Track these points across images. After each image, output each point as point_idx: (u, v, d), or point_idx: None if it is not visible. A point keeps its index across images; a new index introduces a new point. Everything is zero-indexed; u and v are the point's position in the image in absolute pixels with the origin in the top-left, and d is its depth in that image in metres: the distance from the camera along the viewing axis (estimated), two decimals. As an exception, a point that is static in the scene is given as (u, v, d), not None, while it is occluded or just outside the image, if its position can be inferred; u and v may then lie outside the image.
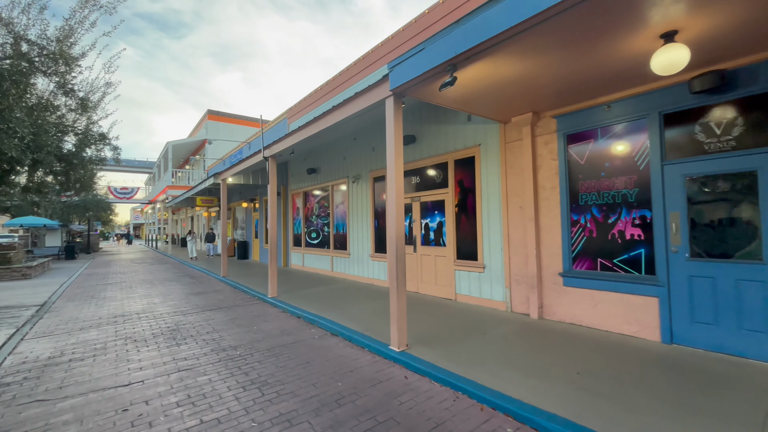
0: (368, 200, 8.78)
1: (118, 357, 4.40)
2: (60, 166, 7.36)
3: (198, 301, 7.64)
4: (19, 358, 4.45)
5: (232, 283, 9.66)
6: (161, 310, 6.91)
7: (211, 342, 4.90)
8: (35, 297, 8.34)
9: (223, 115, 25.04)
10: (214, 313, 6.57)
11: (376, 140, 8.56)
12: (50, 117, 6.35)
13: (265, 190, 14.42)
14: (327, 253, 10.45)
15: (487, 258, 6.02)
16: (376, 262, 8.54)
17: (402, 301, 4.24)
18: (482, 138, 6.12)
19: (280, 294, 7.74)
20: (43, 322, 6.18)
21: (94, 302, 7.80)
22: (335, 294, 7.61)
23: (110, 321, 6.13)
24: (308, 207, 11.72)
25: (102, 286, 10.09)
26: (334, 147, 10.13)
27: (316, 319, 5.69)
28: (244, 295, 8.24)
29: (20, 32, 5.63)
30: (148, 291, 9.11)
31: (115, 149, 7.93)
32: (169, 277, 11.64)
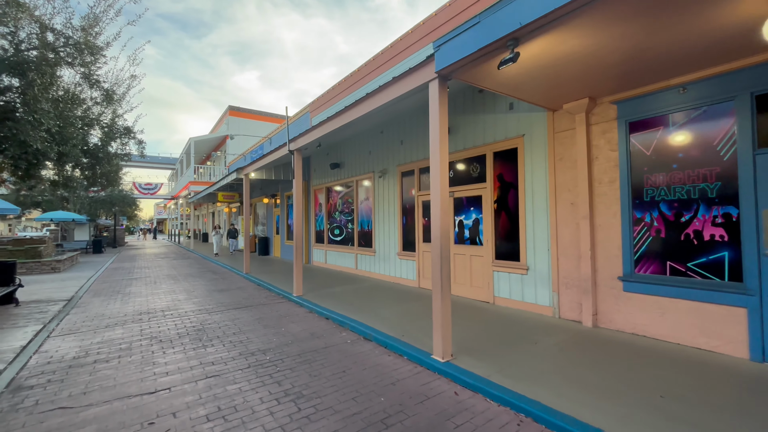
0: (395, 196, 8.39)
1: (143, 359, 4.18)
2: (86, 160, 7.25)
3: (222, 299, 7.45)
4: (44, 357, 4.28)
5: (255, 280, 9.47)
6: (186, 307, 6.73)
7: (238, 344, 4.63)
8: (63, 291, 8.35)
9: (244, 111, 25.11)
10: (240, 312, 6.33)
11: (405, 133, 8.14)
12: (76, 110, 6.19)
13: (286, 186, 14.24)
14: (351, 251, 10.13)
15: (531, 258, 5.53)
16: (403, 261, 8.15)
17: (447, 306, 3.84)
18: (526, 128, 5.61)
19: (306, 293, 7.46)
20: (69, 318, 6.08)
21: (120, 298, 7.72)
22: (362, 293, 7.27)
23: (135, 318, 5.97)
24: (331, 203, 11.42)
25: (127, 281, 10.09)
26: (359, 141, 9.77)
27: (346, 321, 5.35)
28: (268, 293, 8.00)
29: (45, 21, 5.46)
30: (172, 287, 9.02)
31: (140, 143, 7.80)
32: (192, 273, 11.59)
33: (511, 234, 5.87)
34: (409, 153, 8.00)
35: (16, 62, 5.03)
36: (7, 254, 11.86)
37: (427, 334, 4.64)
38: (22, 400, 3.24)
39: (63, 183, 7.24)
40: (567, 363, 3.66)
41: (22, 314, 6.21)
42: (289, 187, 14.09)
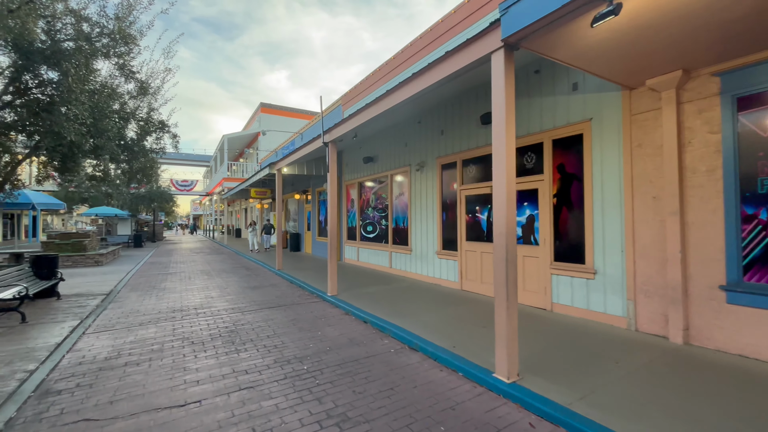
0: (435, 190, 7.81)
1: (174, 363, 3.89)
2: (123, 154, 7.18)
3: (255, 297, 7.20)
4: (77, 357, 4.10)
5: (288, 277, 9.22)
6: (219, 305, 6.51)
7: (273, 350, 4.26)
8: (103, 285, 8.44)
9: (275, 107, 25.26)
10: (273, 312, 6.02)
11: (445, 121, 7.53)
12: (113, 104, 6.06)
13: (318, 182, 13.98)
14: (385, 248, 9.66)
15: (600, 261, 4.80)
16: (443, 261, 7.57)
17: (513, 317, 3.26)
18: (594, 110, 4.87)
19: (340, 292, 7.06)
20: (106, 313, 5.99)
21: (155, 293, 7.66)
22: (399, 295, 6.77)
23: (168, 316, 5.79)
24: (364, 198, 11.00)
25: (163, 275, 10.16)
26: (394, 132, 9.25)
27: (387, 327, 4.87)
28: (302, 292, 7.69)
29: (80, 11, 5.31)
30: (205, 283, 8.93)
31: (174, 137, 7.68)
32: (226, 269, 11.56)
33: (574, 232, 5.15)
34: (451, 143, 7.39)
35: (52, 53, 4.90)
36: (55, 247, 12.36)
37: (482, 345, 4.08)
38: (48, 407, 2.99)
39: (101, 178, 7.17)
40: (666, 391, 2.98)
41: (62, 308, 6.21)
42: (320, 182, 13.82)
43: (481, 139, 6.67)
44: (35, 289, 6.00)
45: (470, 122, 6.89)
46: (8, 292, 5.38)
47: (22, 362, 3.89)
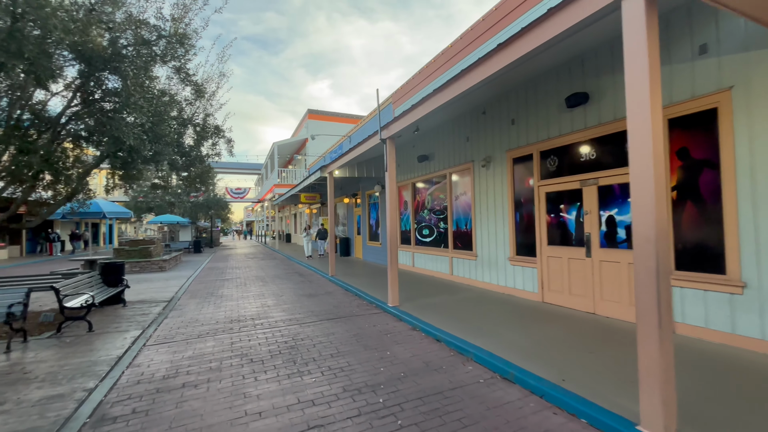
0: (505, 188, 6.91)
1: (233, 387, 3.46)
2: (181, 160, 7.14)
3: (312, 306, 6.78)
4: (136, 374, 3.83)
5: (342, 284, 8.77)
6: (276, 315, 6.15)
7: (339, 374, 3.69)
8: (165, 292, 8.55)
9: (322, 113, 25.50)
10: (333, 324, 5.51)
11: (517, 109, 6.63)
12: (171, 111, 5.94)
13: (368, 184, 13.54)
14: (444, 253, 8.88)
15: (751, 270, 3.68)
16: (518, 268, 6.64)
17: (668, 352, 2.38)
18: (737, 76, 3.78)
19: (402, 302, 6.41)
20: (166, 323, 5.86)
21: (213, 301, 7.54)
22: (469, 307, 5.97)
23: (226, 327, 5.50)
24: (418, 200, 10.31)
25: (220, 282, 10.20)
26: (453, 127, 8.47)
27: (467, 348, 4.12)
28: (359, 301, 7.15)
29: (139, 16, 5.20)
30: (261, 290, 8.74)
31: (228, 142, 7.58)
32: (279, 275, 11.44)
33: (708, 234, 4.05)
34: (524, 134, 6.48)
35: (112, 57, 4.80)
36: (125, 254, 13.09)
37: (600, 380, 3.19)
38: (100, 441, 2.64)
39: (162, 186, 7.19)
40: None
41: (126, 316, 6.19)
42: (370, 185, 13.37)
43: (564, 126, 5.70)
44: (102, 297, 6.03)
45: (549, 107, 5.95)
46: (76, 300, 5.38)
47: (83, 378, 3.68)
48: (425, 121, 6.29)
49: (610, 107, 5.02)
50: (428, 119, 5.95)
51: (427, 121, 6.36)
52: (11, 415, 2.97)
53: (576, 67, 5.48)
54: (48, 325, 5.53)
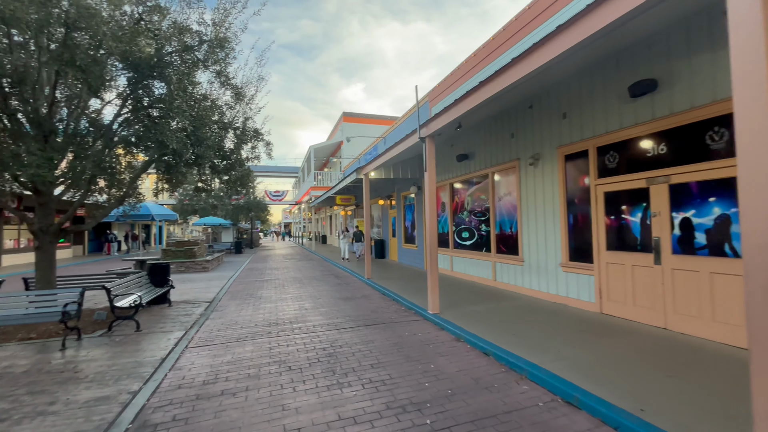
0: (556, 188, 6.37)
1: (271, 397, 3.32)
2: (222, 164, 7.26)
3: (349, 310, 6.61)
4: (177, 377, 3.81)
5: (379, 288, 8.56)
6: (313, 319, 6.04)
7: (381, 387, 3.45)
8: (207, 292, 8.78)
9: (356, 116, 25.63)
10: (371, 331, 5.29)
11: (569, 102, 6.09)
12: (212, 115, 6.00)
13: (404, 186, 13.27)
14: (486, 258, 8.41)
15: None
16: (571, 275, 6.08)
17: (798, 389, 1.89)
18: None
19: (443, 310, 6.07)
20: (207, 324, 5.93)
21: (252, 302, 7.61)
22: (518, 317, 5.51)
23: (264, 331, 5.45)
24: (457, 201, 9.89)
25: (259, 283, 10.36)
26: (496, 123, 8.00)
27: (520, 364, 3.73)
28: (397, 306, 6.89)
29: (182, 23, 5.28)
30: (298, 291, 8.74)
31: (267, 145, 7.60)
32: (316, 276, 11.46)
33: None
34: (578, 128, 5.92)
35: (157, 63, 4.90)
36: (171, 254, 13.74)
37: (689, 411, 2.70)
38: (140, 451, 2.56)
39: (205, 189, 7.36)
40: None
41: (171, 316, 6.35)
42: (405, 186, 13.10)
43: (627, 118, 5.12)
44: (149, 297, 6.22)
45: (608, 98, 5.38)
46: (125, 300, 5.56)
47: (128, 380, 3.70)
48: (467, 118, 5.92)
49: (685, 95, 4.40)
50: (471, 116, 5.59)
51: (470, 117, 5.99)
52: (59, 417, 3.00)
53: (641, 52, 4.89)
54: (101, 323, 5.77)
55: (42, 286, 5.73)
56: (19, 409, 3.12)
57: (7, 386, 3.59)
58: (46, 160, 4.21)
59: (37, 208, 5.68)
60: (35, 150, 4.23)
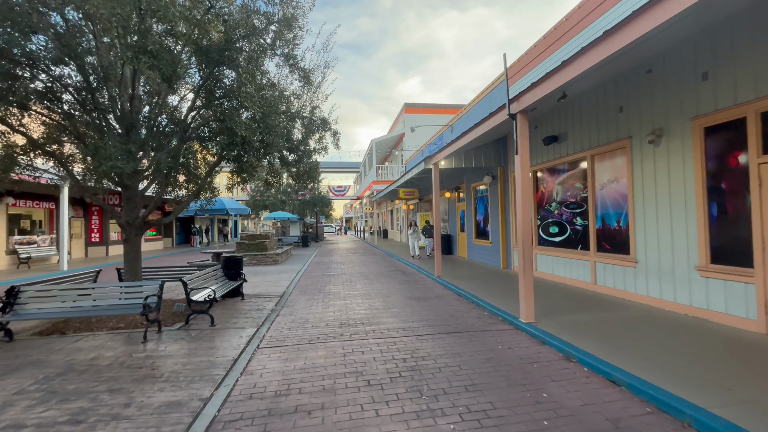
0: (689, 169, 5.01)
1: (351, 421, 2.77)
2: (290, 156, 7.02)
3: (424, 312, 5.96)
4: (248, 384, 3.48)
5: (452, 288, 7.78)
6: (387, 321, 5.49)
7: (485, 422, 2.72)
8: (277, 286, 8.76)
9: (418, 106, 24.81)
10: (456, 340, 4.57)
11: (713, 58, 4.69)
12: (279, 104, 5.70)
13: (475, 176, 12.20)
14: (582, 257, 7.15)
15: None
16: (715, 281, 4.72)
17: None
18: None
19: (538, 318, 5.12)
20: (278, 321, 5.69)
21: (321, 298, 7.32)
22: (640, 333, 4.37)
23: (336, 332, 5.02)
24: (542, 191, 8.66)
25: (327, 277, 10.18)
26: (597, 97, 6.69)
27: (672, 404, 2.74)
28: (479, 311, 6.06)
29: (250, 4, 4.98)
30: (366, 288, 8.31)
31: (334, 135, 7.19)
32: (382, 272, 11.01)
33: None
34: (729, 90, 4.52)
35: (226, 47, 4.65)
36: (244, 247, 14.32)
37: None
38: (207, 484, 2.16)
39: (274, 182, 7.20)
40: None
41: (243, 311, 6.27)
42: (477, 177, 12.02)
43: (820, 67, 3.67)
44: (223, 291, 6.18)
45: (784, 43, 3.95)
46: (200, 294, 5.52)
47: (200, 383, 3.45)
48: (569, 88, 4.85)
49: None
50: (574, 84, 4.51)
51: (572, 88, 4.89)
52: (132, 423, 2.77)
53: None
54: (179, 315, 5.83)
55: (129, 277, 5.95)
56: (96, 410, 2.97)
57: (91, 380, 3.54)
58: (125, 152, 4.19)
59: (123, 202, 5.89)
60: (116, 143, 4.24)
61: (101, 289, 5.07)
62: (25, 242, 13.80)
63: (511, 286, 7.61)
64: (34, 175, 5.86)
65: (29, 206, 14.00)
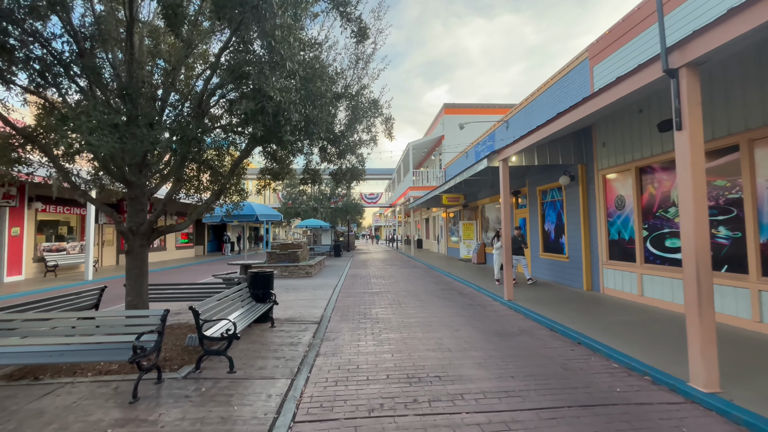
0: None
1: None
2: (332, 148, 5.55)
3: (520, 360, 4.20)
4: None
5: (537, 318, 5.94)
6: (473, 376, 3.78)
7: None
8: (313, 307, 7.27)
9: (459, 106, 23.10)
10: (605, 425, 2.79)
11: None
12: (322, 75, 4.22)
13: (543, 177, 10.28)
14: (735, 282, 5.12)
15: None
16: None
17: None
18: None
19: (726, 384, 3.22)
20: (319, 366, 4.14)
21: (369, 328, 5.73)
22: None
23: (405, 395, 3.38)
24: (652, 192, 6.69)
25: (369, 296, 8.60)
26: (755, 57, 4.76)
27: None
28: (600, 359, 4.22)
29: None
30: (422, 313, 6.64)
31: (387, 121, 5.65)
32: (432, 290, 9.28)
33: None
34: None
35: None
36: (276, 257, 13.08)
37: None
38: None
39: (311, 179, 5.76)
40: None
41: (273, 346, 4.78)
42: (546, 178, 10.11)
43: None
44: (246, 322, 4.70)
45: None
46: (217, 328, 4.07)
47: None
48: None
49: None
50: None
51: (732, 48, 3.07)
52: None
53: None
54: (191, 351, 4.42)
55: (131, 299, 4.63)
56: None
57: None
58: (107, 125, 2.85)
59: (127, 204, 4.61)
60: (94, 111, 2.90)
61: (81, 321, 3.73)
62: (54, 249, 13.27)
63: (623, 319, 5.68)
64: (28, 171, 4.71)
65: (59, 212, 13.52)
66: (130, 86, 3.50)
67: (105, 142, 2.72)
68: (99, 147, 2.70)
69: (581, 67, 8.62)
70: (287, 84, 3.29)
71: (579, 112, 5.04)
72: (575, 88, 8.88)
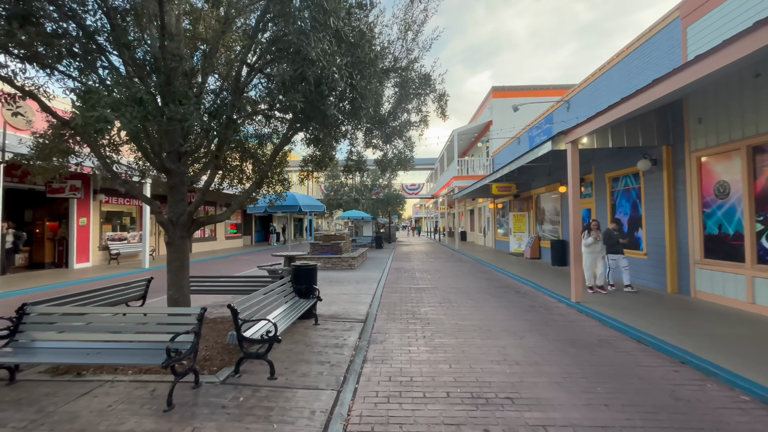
0: None
1: None
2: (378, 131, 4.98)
3: (610, 381, 3.42)
4: None
5: (617, 325, 5.03)
6: (553, 401, 3.09)
7: None
8: (357, 302, 6.85)
9: (508, 89, 21.51)
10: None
11: None
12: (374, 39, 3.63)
13: (615, 162, 9.02)
14: None
15: None
16: None
17: None
18: None
19: None
20: (367, 375, 3.66)
21: (419, 329, 5.17)
22: None
23: (467, 415, 2.78)
24: None
25: (415, 292, 8.03)
26: None
27: None
28: (718, 386, 3.32)
29: None
30: (477, 315, 5.96)
31: (440, 98, 4.97)
32: (484, 287, 8.51)
33: None
34: None
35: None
36: (319, 249, 12.92)
37: None
38: None
39: (355, 167, 5.26)
40: None
41: (317, 347, 4.37)
42: (616, 164, 8.86)
43: None
44: (290, 319, 4.34)
45: None
46: (255, 329, 3.72)
47: None
48: None
49: None
50: None
51: None
52: None
53: None
54: (231, 351, 4.14)
55: (173, 292, 4.44)
56: None
57: None
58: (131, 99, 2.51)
59: (167, 193, 4.39)
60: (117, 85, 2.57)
61: (118, 317, 3.54)
62: (116, 239, 14.14)
63: (736, 332, 4.61)
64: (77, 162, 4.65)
65: (120, 203, 14.34)
66: (160, 58, 3.17)
67: (129, 119, 2.38)
68: (123, 123, 2.36)
69: (669, 30, 7.26)
70: (330, 48, 2.76)
71: (682, 78, 4.01)
72: (660, 55, 7.53)
